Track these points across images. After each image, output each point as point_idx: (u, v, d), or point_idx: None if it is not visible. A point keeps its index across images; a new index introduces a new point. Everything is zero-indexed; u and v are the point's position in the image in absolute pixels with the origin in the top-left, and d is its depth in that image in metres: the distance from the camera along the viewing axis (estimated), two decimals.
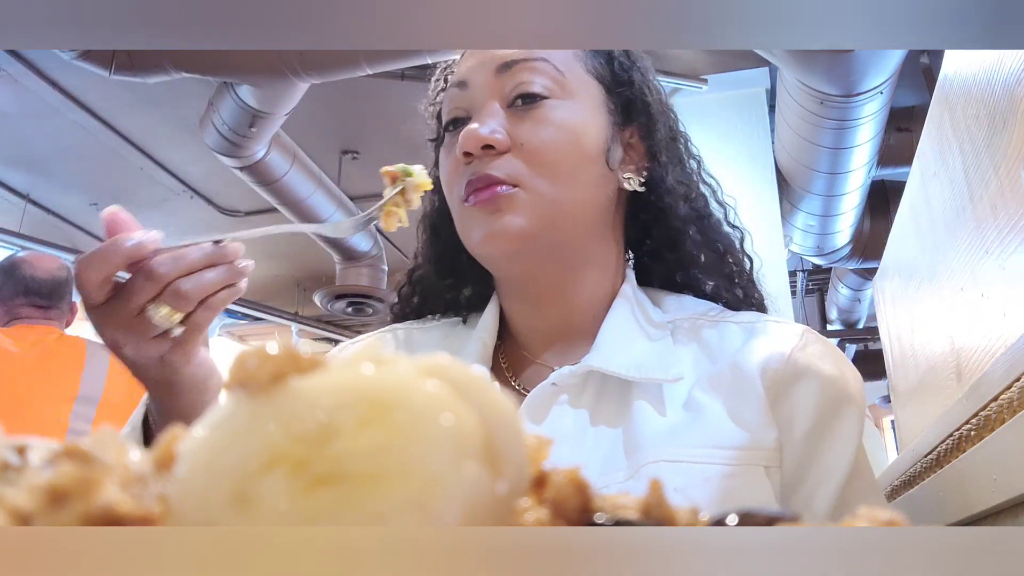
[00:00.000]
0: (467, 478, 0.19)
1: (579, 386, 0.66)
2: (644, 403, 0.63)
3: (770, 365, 0.63)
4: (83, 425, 1.77)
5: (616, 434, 0.63)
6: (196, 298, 0.57)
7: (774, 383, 0.63)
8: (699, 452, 0.59)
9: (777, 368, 0.63)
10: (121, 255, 0.55)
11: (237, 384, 0.20)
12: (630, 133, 0.75)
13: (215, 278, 0.58)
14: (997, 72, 0.77)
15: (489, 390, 0.21)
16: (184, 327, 0.58)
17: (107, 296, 0.56)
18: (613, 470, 0.60)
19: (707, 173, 0.81)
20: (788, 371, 0.63)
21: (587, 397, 0.66)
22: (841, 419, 0.62)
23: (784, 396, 0.62)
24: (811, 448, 0.61)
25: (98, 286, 0.55)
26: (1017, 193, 0.73)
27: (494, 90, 0.70)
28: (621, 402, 0.65)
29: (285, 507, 0.18)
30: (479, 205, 0.67)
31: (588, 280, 0.71)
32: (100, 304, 0.56)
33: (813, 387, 0.62)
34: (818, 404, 0.62)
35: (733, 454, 0.59)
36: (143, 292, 0.55)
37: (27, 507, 0.18)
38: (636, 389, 0.65)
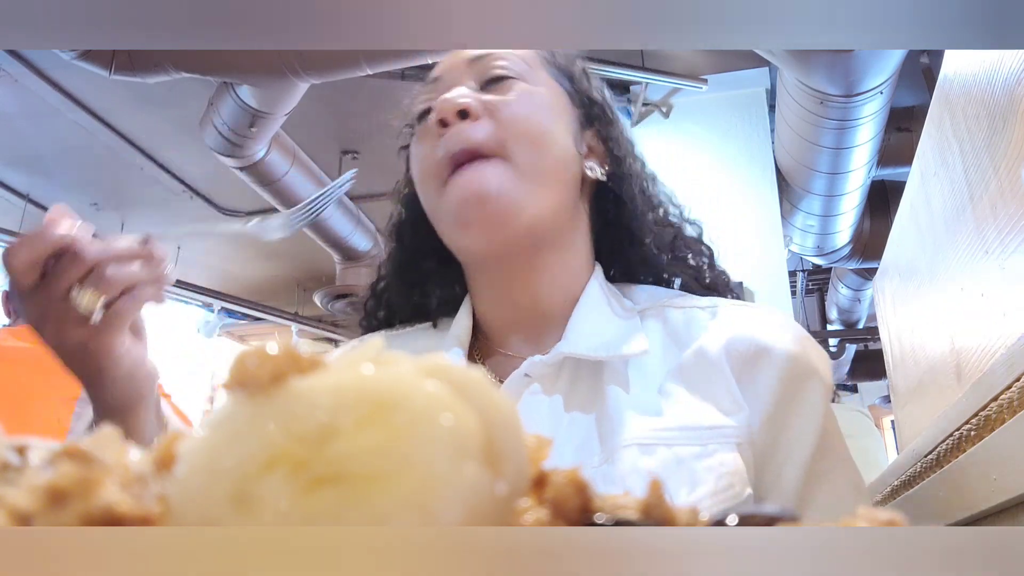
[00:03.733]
0: (467, 478, 0.19)
1: (552, 375, 0.67)
2: (616, 387, 0.65)
3: (734, 345, 0.65)
4: (84, 425, 1.77)
5: (590, 420, 0.64)
6: (119, 284, 0.59)
7: (739, 362, 0.64)
8: (671, 434, 0.60)
9: (741, 349, 0.65)
10: (50, 240, 0.57)
11: (237, 384, 0.20)
12: (591, 135, 0.77)
13: (140, 270, 0.60)
14: (997, 72, 0.78)
15: (489, 390, 0.21)
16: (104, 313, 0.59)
17: (36, 280, 0.58)
18: (588, 455, 0.61)
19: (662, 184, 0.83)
20: (752, 350, 0.65)
21: (560, 384, 0.67)
22: (805, 392, 0.63)
23: (749, 374, 0.64)
24: (778, 423, 0.62)
25: (27, 267, 0.57)
26: (1017, 193, 0.73)
27: (465, 76, 0.72)
28: (594, 387, 0.66)
29: (285, 507, 0.18)
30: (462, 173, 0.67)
31: (556, 267, 0.72)
32: (29, 287, 0.58)
33: (776, 364, 0.64)
34: (781, 379, 0.63)
35: (705, 434, 0.60)
36: (69, 272, 0.57)
37: (27, 507, 0.18)
38: (608, 373, 0.66)
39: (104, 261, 0.58)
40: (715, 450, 0.59)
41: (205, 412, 5.25)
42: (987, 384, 0.70)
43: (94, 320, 0.58)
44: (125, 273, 0.59)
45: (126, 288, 0.59)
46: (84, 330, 0.59)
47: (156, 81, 2.89)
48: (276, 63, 2.80)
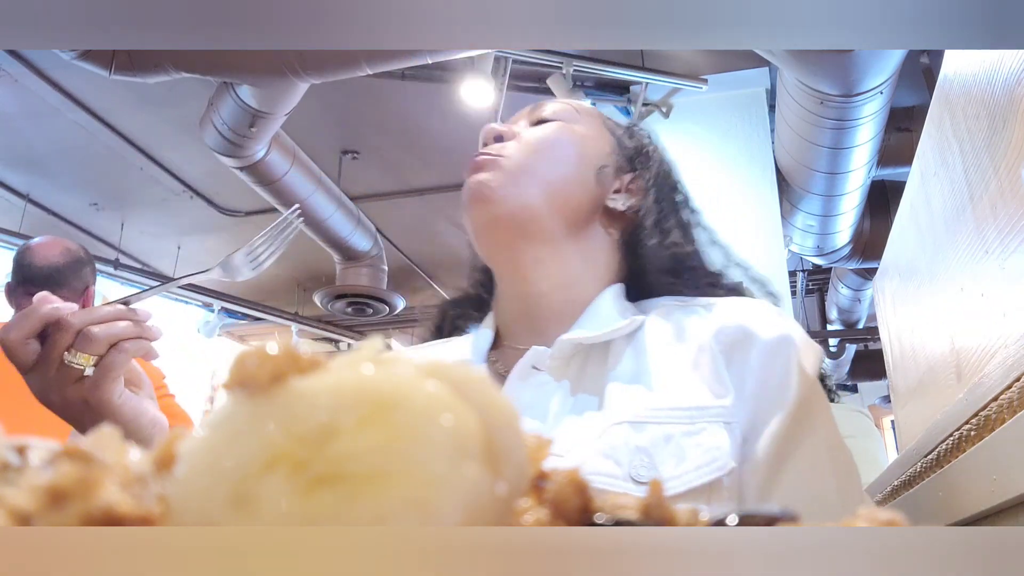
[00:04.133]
0: (467, 478, 0.19)
1: (562, 364, 0.72)
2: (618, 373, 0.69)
3: (723, 332, 0.69)
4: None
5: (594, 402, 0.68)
6: (106, 341, 0.67)
7: (727, 347, 0.68)
8: (661, 413, 0.64)
9: (729, 334, 0.69)
10: (38, 316, 0.66)
11: (237, 384, 0.20)
12: (630, 179, 0.84)
13: (123, 327, 0.68)
14: (997, 72, 0.78)
15: (489, 390, 0.21)
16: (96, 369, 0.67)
17: (33, 356, 0.66)
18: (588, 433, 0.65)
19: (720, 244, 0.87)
20: (739, 335, 0.68)
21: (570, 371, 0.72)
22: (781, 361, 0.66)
23: (736, 358, 0.68)
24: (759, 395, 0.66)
25: (21, 345, 0.66)
26: (1017, 193, 0.73)
27: (519, 118, 0.85)
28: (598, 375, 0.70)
29: (285, 507, 0.18)
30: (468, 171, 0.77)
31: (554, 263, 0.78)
32: (28, 363, 0.66)
33: (758, 347, 0.67)
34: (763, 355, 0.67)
35: (693, 413, 0.64)
36: (59, 339, 0.66)
37: (27, 507, 0.18)
38: (612, 359, 0.71)
39: (89, 324, 0.66)
40: (703, 428, 0.63)
41: (205, 412, 5.25)
42: (987, 384, 0.70)
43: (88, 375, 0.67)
44: (110, 331, 0.67)
45: (113, 344, 0.68)
46: (81, 386, 0.67)
47: (156, 81, 2.89)
48: (276, 63, 2.80)
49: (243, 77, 2.92)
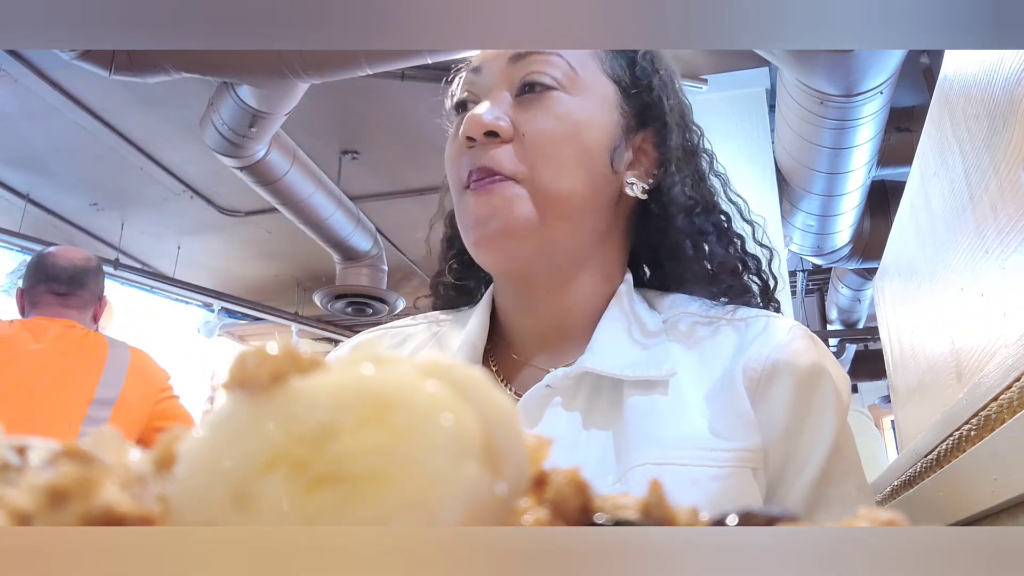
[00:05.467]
0: (467, 478, 0.19)
1: (573, 388, 0.66)
2: (635, 405, 0.63)
3: (750, 366, 0.64)
4: (95, 429, 1.75)
5: (607, 437, 0.63)
6: None
7: (753, 383, 0.63)
8: (686, 454, 0.59)
9: (756, 369, 0.64)
10: None
11: (237, 384, 0.20)
12: (643, 138, 0.74)
13: None
14: (997, 72, 0.77)
15: (489, 390, 0.21)
16: None
17: None
18: (603, 473, 0.60)
19: (733, 192, 0.80)
20: (766, 372, 0.63)
21: (580, 400, 0.66)
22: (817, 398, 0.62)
23: (763, 397, 0.63)
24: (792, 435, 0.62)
25: None
26: (1017, 193, 0.73)
27: (505, 77, 0.70)
28: (613, 404, 0.65)
29: (285, 507, 0.18)
30: (477, 191, 0.67)
31: (583, 281, 0.71)
32: None
33: (789, 384, 0.63)
34: (794, 392, 0.62)
35: (720, 455, 0.59)
36: None
37: (27, 507, 0.18)
38: (628, 390, 0.64)
39: None
40: (729, 473, 0.59)
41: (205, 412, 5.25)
42: (987, 384, 0.70)
43: None
44: None
45: None
46: None
47: (156, 81, 2.89)
48: (276, 63, 2.80)
49: (243, 77, 2.92)
